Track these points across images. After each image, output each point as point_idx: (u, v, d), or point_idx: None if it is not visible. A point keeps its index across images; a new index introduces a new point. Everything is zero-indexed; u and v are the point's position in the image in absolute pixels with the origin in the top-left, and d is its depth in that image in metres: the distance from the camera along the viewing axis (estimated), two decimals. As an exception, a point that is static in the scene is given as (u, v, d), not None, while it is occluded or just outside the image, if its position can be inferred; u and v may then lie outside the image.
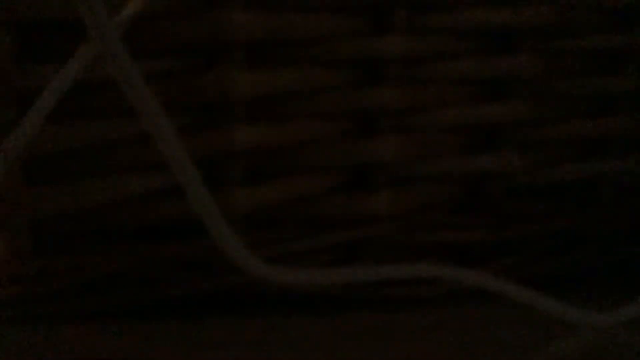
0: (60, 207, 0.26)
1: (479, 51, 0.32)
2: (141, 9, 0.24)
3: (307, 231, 0.30)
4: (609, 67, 0.35)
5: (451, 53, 0.31)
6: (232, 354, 0.23)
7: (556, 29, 0.33)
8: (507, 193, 0.33)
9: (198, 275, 0.28)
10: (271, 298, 0.31)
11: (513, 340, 0.25)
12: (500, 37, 0.32)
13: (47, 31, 0.26)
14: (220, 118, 0.28)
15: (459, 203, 0.33)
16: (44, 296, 0.27)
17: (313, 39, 0.28)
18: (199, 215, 0.22)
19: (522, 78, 0.32)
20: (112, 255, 0.27)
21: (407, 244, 0.32)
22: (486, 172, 0.32)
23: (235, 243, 0.22)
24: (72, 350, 0.23)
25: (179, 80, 0.27)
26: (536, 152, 0.33)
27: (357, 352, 0.23)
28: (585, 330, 0.26)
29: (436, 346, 0.24)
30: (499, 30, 0.31)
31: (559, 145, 0.34)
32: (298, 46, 0.29)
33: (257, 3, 0.27)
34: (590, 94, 0.34)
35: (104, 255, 0.27)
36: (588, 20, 0.33)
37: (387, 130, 0.30)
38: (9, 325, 0.26)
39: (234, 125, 0.28)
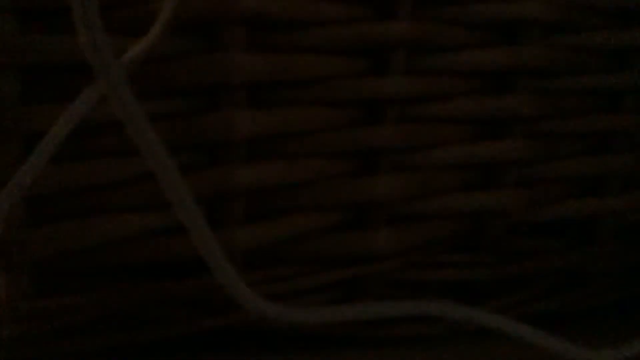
0: (63, 246, 0.27)
1: (477, 91, 0.32)
2: (145, 52, 0.25)
3: (307, 269, 0.30)
4: (606, 105, 0.35)
5: (450, 93, 0.31)
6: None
7: (553, 69, 0.33)
8: (506, 230, 0.33)
9: (199, 313, 0.28)
10: (272, 336, 0.31)
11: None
12: (498, 77, 0.32)
13: (52, 73, 0.26)
14: (221, 157, 0.28)
15: (459, 241, 0.33)
16: (45, 336, 0.27)
17: (313, 79, 0.29)
18: (201, 253, 0.22)
19: (520, 117, 0.32)
20: (113, 294, 0.27)
21: (407, 281, 0.32)
22: (485, 209, 0.32)
23: (236, 281, 0.22)
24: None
25: (181, 121, 0.27)
26: (535, 190, 0.34)
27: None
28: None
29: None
30: (496, 70, 0.32)
31: (558, 183, 0.34)
32: (298, 86, 0.29)
33: (258, 44, 0.28)
34: (588, 132, 0.34)
35: (106, 294, 0.27)
36: (583, 60, 0.34)
37: (386, 168, 0.30)
38: (11, 364, 0.26)
39: (235, 165, 0.28)
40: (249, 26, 0.28)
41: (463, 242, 0.33)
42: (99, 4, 0.25)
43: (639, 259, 0.36)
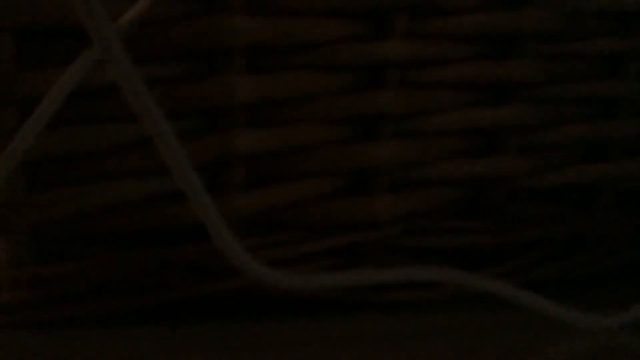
0: (61, 212, 0.27)
1: (480, 55, 0.32)
2: (142, 15, 0.24)
3: (307, 235, 0.30)
4: (610, 70, 0.35)
5: (452, 57, 0.31)
6: (232, 357, 0.23)
7: (557, 33, 0.33)
8: (508, 197, 0.33)
9: (199, 279, 0.28)
10: (272, 302, 0.31)
11: (515, 343, 0.25)
12: (501, 42, 0.32)
13: (49, 37, 0.26)
14: (221, 123, 0.28)
15: (461, 207, 0.33)
16: (44, 301, 0.27)
17: (314, 43, 0.29)
18: (201, 220, 0.22)
19: (523, 82, 0.32)
20: (113, 260, 0.27)
21: (407, 248, 0.32)
22: (487, 176, 0.32)
23: (236, 247, 0.22)
24: (73, 356, 0.23)
25: (180, 85, 0.27)
26: (537, 156, 0.33)
27: (358, 356, 0.23)
28: (587, 333, 0.26)
29: (438, 350, 0.24)
30: (499, 35, 0.31)
31: (560, 149, 0.34)
32: (299, 51, 0.29)
33: (258, 8, 0.28)
34: (591, 97, 0.34)
35: (105, 260, 0.27)
36: (589, 24, 0.33)
37: (388, 134, 0.30)
38: (10, 330, 0.27)
39: (234, 130, 0.28)
40: (247, -11, 0.27)
41: (464, 209, 0.33)
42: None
43: (641, 226, 0.36)
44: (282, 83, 0.28)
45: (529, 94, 0.33)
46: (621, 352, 0.24)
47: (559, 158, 0.34)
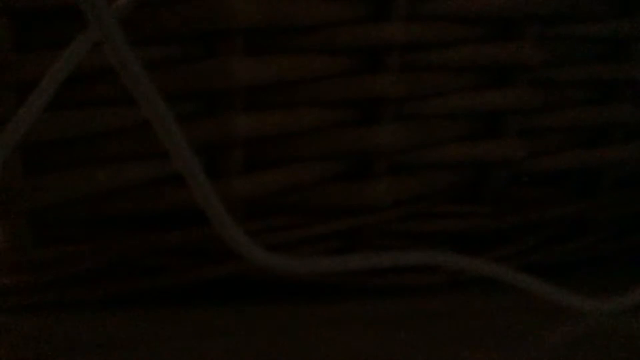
0: (60, 195, 0.26)
1: (481, 38, 0.31)
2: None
3: (307, 219, 0.30)
4: (612, 53, 0.35)
5: (452, 40, 0.31)
6: (231, 341, 0.23)
7: (559, 16, 0.32)
8: (508, 181, 0.33)
9: (198, 262, 0.28)
10: (271, 286, 0.31)
11: (515, 327, 0.25)
12: (502, 24, 0.32)
13: (46, 19, 0.26)
14: (219, 105, 0.28)
15: (460, 191, 0.33)
16: (43, 285, 0.27)
17: (313, 26, 0.28)
18: (199, 203, 0.22)
19: (524, 65, 0.32)
20: (111, 244, 0.27)
21: (407, 232, 0.32)
22: (488, 159, 0.32)
23: (235, 231, 0.22)
24: (73, 339, 0.23)
25: (178, 68, 0.27)
26: (537, 140, 0.33)
27: (357, 339, 0.23)
28: (586, 317, 0.26)
29: (437, 333, 0.24)
30: (501, 17, 0.31)
31: (561, 133, 0.34)
32: (298, 33, 0.28)
33: (257, -10, 0.27)
34: (592, 81, 0.34)
35: (104, 244, 0.27)
36: (591, 8, 0.33)
37: (387, 117, 0.30)
38: (9, 314, 0.27)
39: (233, 113, 0.28)
40: (246, -30, 0.27)
41: (464, 192, 0.33)
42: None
43: (641, 209, 0.36)
44: (281, 66, 0.28)
45: (530, 77, 0.32)
46: (621, 335, 0.24)
47: (559, 142, 0.34)
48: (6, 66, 0.25)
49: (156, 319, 0.26)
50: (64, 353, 0.22)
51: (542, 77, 0.33)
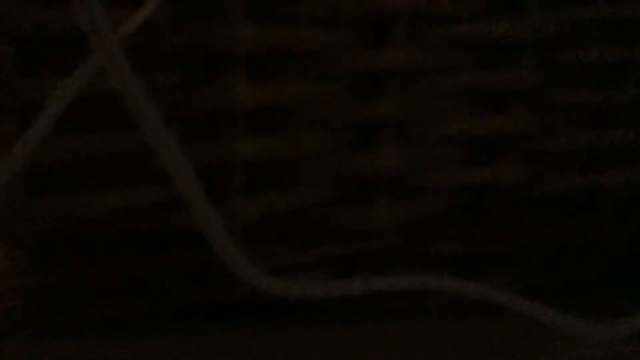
0: (62, 218, 0.27)
1: (479, 63, 0.32)
2: (143, 22, 0.24)
3: (307, 243, 0.30)
4: (608, 78, 0.35)
5: (451, 65, 0.31)
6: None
7: (556, 41, 0.33)
8: (507, 204, 0.33)
9: (199, 285, 0.28)
10: (271, 309, 0.31)
11: (513, 351, 0.25)
12: (500, 49, 0.32)
13: (50, 44, 0.26)
14: (221, 130, 0.28)
15: (460, 214, 0.33)
16: (45, 309, 0.27)
17: (314, 51, 0.29)
18: (201, 226, 0.22)
19: (522, 90, 0.32)
20: (113, 267, 0.27)
21: (407, 255, 0.32)
22: (486, 183, 0.32)
23: (236, 254, 0.22)
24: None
25: (180, 93, 0.27)
26: (536, 164, 0.33)
27: (359, 363, 0.23)
28: (586, 342, 0.26)
29: (436, 357, 0.24)
30: (498, 43, 0.32)
31: (559, 157, 0.34)
32: (299, 58, 0.29)
33: (258, 15, 0.28)
34: (590, 105, 0.34)
35: (105, 267, 0.27)
36: (587, 33, 0.33)
37: (387, 142, 0.30)
38: (10, 338, 0.26)
39: (234, 137, 0.28)
40: (248, -3, 0.27)
41: (464, 216, 0.33)
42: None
43: (639, 232, 0.36)
44: (283, 90, 0.28)
45: (528, 102, 0.33)
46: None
47: (558, 165, 0.34)
48: (10, 90, 0.25)
49: (158, 342, 0.26)
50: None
51: (540, 101, 0.33)
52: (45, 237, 0.27)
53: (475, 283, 0.26)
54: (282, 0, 0.28)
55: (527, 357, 0.24)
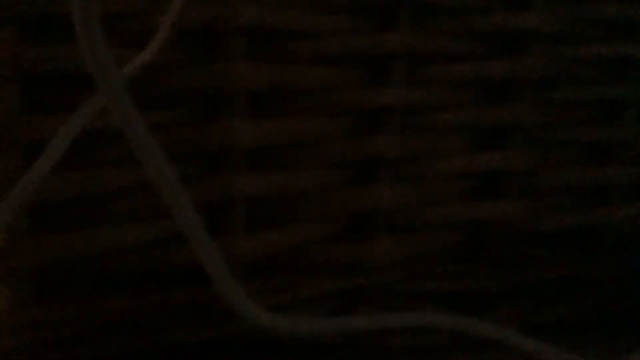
0: (63, 255, 0.27)
1: (478, 101, 0.32)
2: (147, 61, 0.25)
3: (308, 279, 0.30)
4: (607, 115, 0.35)
5: (450, 103, 0.31)
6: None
7: (554, 79, 0.33)
8: (508, 241, 0.33)
9: (199, 322, 0.28)
10: (272, 346, 0.31)
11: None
12: (498, 87, 0.32)
13: (53, 82, 0.26)
14: (222, 166, 0.28)
15: (461, 251, 0.33)
16: (46, 346, 0.27)
17: (314, 89, 0.29)
18: (201, 263, 0.22)
19: (522, 126, 0.32)
20: (114, 303, 0.27)
21: (407, 291, 0.32)
22: (487, 220, 0.32)
23: (237, 291, 0.22)
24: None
25: (182, 130, 0.27)
26: (537, 200, 0.34)
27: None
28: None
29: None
30: (497, 81, 0.32)
31: (560, 193, 0.34)
32: (299, 96, 0.29)
33: (259, 54, 0.28)
34: (590, 142, 0.34)
35: (106, 304, 0.27)
36: (584, 73, 0.34)
37: (387, 178, 0.30)
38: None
39: (236, 174, 0.28)
40: (249, 36, 0.28)
41: (464, 252, 0.33)
42: (101, 15, 0.26)
43: (640, 270, 0.36)
44: (283, 127, 0.29)
45: (528, 138, 0.33)
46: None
47: (558, 202, 0.34)
48: (14, 127, 0.26)
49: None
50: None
51: (539, 138, 0.33)
52: (46, 273, 0.27)
53: (476, 320, 0.26)
54: (283, 38, 0.28)
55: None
